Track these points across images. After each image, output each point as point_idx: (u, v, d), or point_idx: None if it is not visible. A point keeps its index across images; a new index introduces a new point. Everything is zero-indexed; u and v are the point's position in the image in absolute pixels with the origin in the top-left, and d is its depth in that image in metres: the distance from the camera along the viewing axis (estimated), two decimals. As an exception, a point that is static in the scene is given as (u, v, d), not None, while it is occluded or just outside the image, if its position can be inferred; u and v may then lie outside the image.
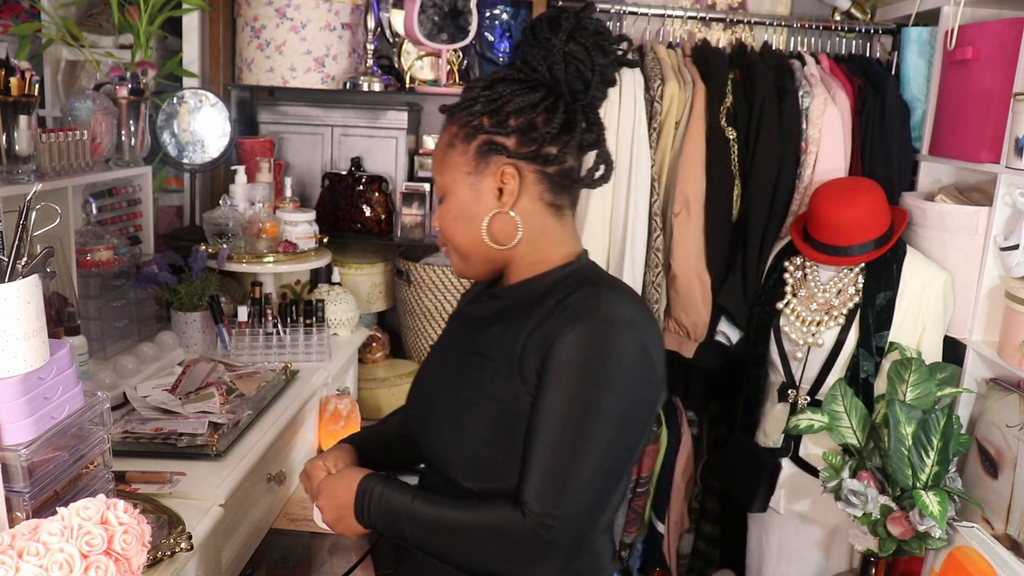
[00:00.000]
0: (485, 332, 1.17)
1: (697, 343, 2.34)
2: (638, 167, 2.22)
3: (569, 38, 1.10)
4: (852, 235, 2.02)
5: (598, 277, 1.15)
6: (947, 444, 1.80)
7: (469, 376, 1.15)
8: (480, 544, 1.06)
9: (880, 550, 1.87)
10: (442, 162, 1.16)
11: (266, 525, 1.69)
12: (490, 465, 1.09)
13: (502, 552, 1.05)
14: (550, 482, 1.02)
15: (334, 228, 2.46)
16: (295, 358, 2.06)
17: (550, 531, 1.01)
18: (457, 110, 1.14)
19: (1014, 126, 1.86)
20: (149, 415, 1.63)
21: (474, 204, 1.14)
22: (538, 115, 1.11)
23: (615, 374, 1.04)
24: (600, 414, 1.03)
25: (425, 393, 1.24)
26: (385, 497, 1.11)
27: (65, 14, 2.31)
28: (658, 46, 2.38)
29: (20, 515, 1.02)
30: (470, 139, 1.13)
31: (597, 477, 1.04)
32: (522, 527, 1.02)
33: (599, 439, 1.03)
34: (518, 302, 1.16)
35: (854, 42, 2.49)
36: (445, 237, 1.19)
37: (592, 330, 1.04)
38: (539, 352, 1.06)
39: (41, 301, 1.05)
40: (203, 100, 2.36)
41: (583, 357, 1.03)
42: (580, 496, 1.03)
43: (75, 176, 1.78)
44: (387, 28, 2.53)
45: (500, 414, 1.09)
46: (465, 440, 1.11)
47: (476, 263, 1.19)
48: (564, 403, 1.03)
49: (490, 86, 1.12)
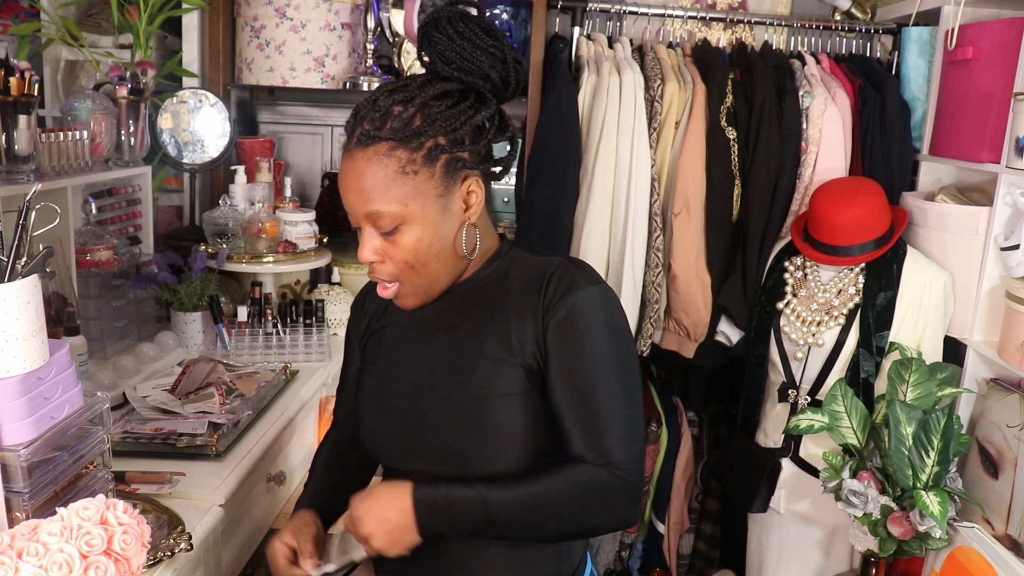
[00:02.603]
0: (454, 332, 1.17)
1: (697, 343, 2.34)
2: (638, 167, 2.22)
3: (477, 37, 1.10)
4: (852, 235, 2.02)
5: (541, 253, 1.20)
6: (947, 444, 1.80)
7: (462, 377, 1.14)
8: (576, 508, 1.10)
9: (880, 550, 1.87)
10: (394, 191, 1.07)
11: (266, 525, 1.69)
12: (520, 450, 1.11)
13: (600, 508, 1.10)
14: (618, 432, 1.10)
15: (334, 228, 2.46)
16: (295, 358, 2.06)
17: (631, 474, 1.10)
18: (404, 136, 1.06)
19: (1014, 126, 1.86)
20: (149, 415, 1.63)
21: (446, 224, 1.11)
22: (478, 120, 1.11)
23: (624, 326, 1.16)
24: (630, 362, 1.14)
25: (406, 409, 1.18)
26: (452, 498, 1.08)
27: (65, 14, 2.31)
28: (658, 46, 2.38)
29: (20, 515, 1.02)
30: (433, 160, 1.08)
31: (640, 417, 1.15)
32: (610, 479, 1.09)
33: (636, 384, 1.14)
34: (475, 295, 1.17)
35: (854, 42, 2.49)
36: (410, 269, 1.12)
37: (595, 295, 1.12)
38: (539, 332, 1.11)
39: (41, 301, 1.05)
40: (203, 100, 2.36)
41: (599, 320, 1.12)
42: (640, 436, 1.14)
43: (75, 176, 1.78)
44: (387, 28, 2.52)
45: (515, 401, 1.11)
46: (493, 435, 1.11)
47: (441, 284, 1.16)
48: (603, 361, 1.11)
49: (423, 104, 1.07)
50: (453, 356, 1.16)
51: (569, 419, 1.11)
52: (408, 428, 1.18)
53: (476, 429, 1.12)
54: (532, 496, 1.08)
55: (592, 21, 2.48)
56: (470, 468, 1.12)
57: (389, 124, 1.07)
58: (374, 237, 1.11)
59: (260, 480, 1.65)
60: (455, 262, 1.16)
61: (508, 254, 1.20)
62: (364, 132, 1.07)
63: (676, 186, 2.25)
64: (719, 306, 2.30)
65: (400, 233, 1.10)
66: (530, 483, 1.09)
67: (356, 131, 1.08)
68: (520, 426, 1.11)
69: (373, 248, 1.11)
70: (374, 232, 1.11)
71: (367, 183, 1.07)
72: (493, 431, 1.11)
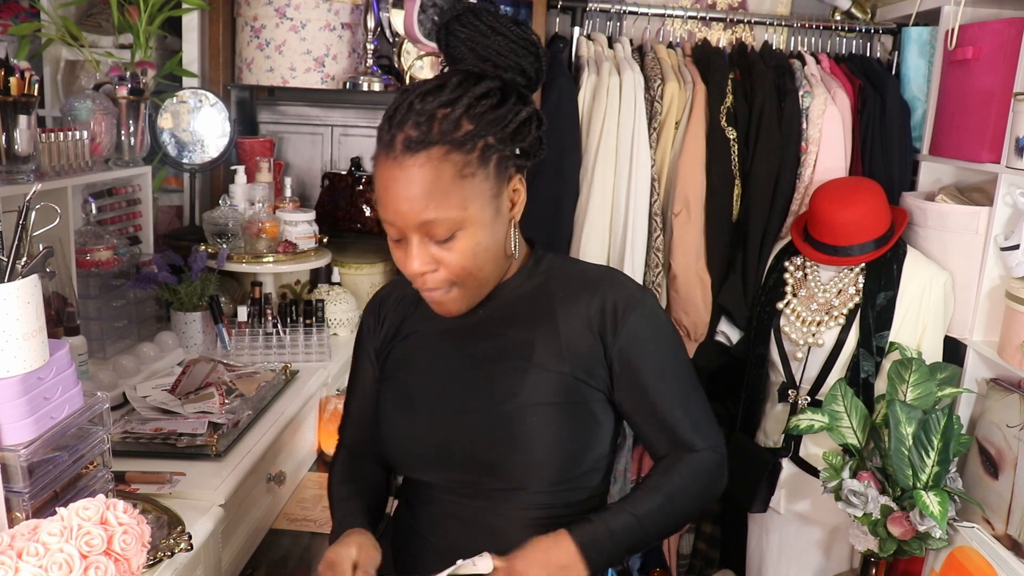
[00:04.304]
0: (500, 339, 1.15)
1: (697, 343, 2.34)
2: (638, 167, 2.22)
3: (509, 30, 1.08)
4: (852, 235, 2.02)
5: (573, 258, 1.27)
6: (947, 444, 1.80)
7: (507, 385, 1.12)
8: (696, 493, 1.17)
9: (880, 550, 1.87)
10: (454, 196, 1.03)
11: (266, 525, 1.69)
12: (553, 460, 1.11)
13: (710, 487, 1.18)
14: (703, 420, 1.18)
15: (334, 228, 2.46)
16: (295, 358, 2.06)
17: (722, 451, 1.20)
18: (456, 139, 1.02)
19: (1014, 126, 1.86)
20: (149, 415, 1.63)
21: (499, 225, 1.09)
22: (523, 116, 1.09)
23: (673, 326, 1.26)
24: (687, 356, 1.23)
25: (440, 418, 1.15)
26: (612, 528, 1.08)
27: (65, 14, 2.31)
28: (658, 46, 2.38)
29: (20, 515, 1.02)
30: (487, 161, 1.04)
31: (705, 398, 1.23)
32: (712, 462, 1.17)
33: (695, 375, 1.21)
34: (518, 302, 1.16)
35: (854, 42, 2.49)
36: (467, 275, 1.08)
37: (652, 302, 1.18)
38: (598, 344, 1.14)
39: (41, 301, 1.05)
40: (203, 100, 2.36)
41: (662, 325, 1.19)
42: (712, 415, 1.22)
43: (75, 176, 1.78)
44: (387, 28, 2.52)
45: (553, 411, 1.11)
46: (529, 445, 1.10)
47: (489, 287, 1.14)
48: (673, 363, 1.18)
49: (469, 105, 1.03)
50: (498, 363, 1.14)
51: (653, 424, 1.16)
52: (442, 437, 1.15)
53: (512, 439, 1.10)
54: (668, 498, 1.13)
55: (592, 21, 2.48)
56: (501, 478, 1.11)
57: (437, 127, 1.02)
58: (424, 246, 1.06)
59: (260, 480, 1.65)
60: (504, 263, 1.14)
61: (544, 259, 1.20)
62: (410, 138, 1.01)
63: (676, 186, 2.25)
64: (719, 306, 2.30)
65: (457, 239, 1.05)
66: (660, 486, 1.13)
67: (398, 138, 1.02)
68: (553, 437, 1.11)
69: (425, 258, 1.06)
70: (424, 241, 1.05)
71: (423, 191, 1.01)
72: (529, 440, 1.10)
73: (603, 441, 1.17)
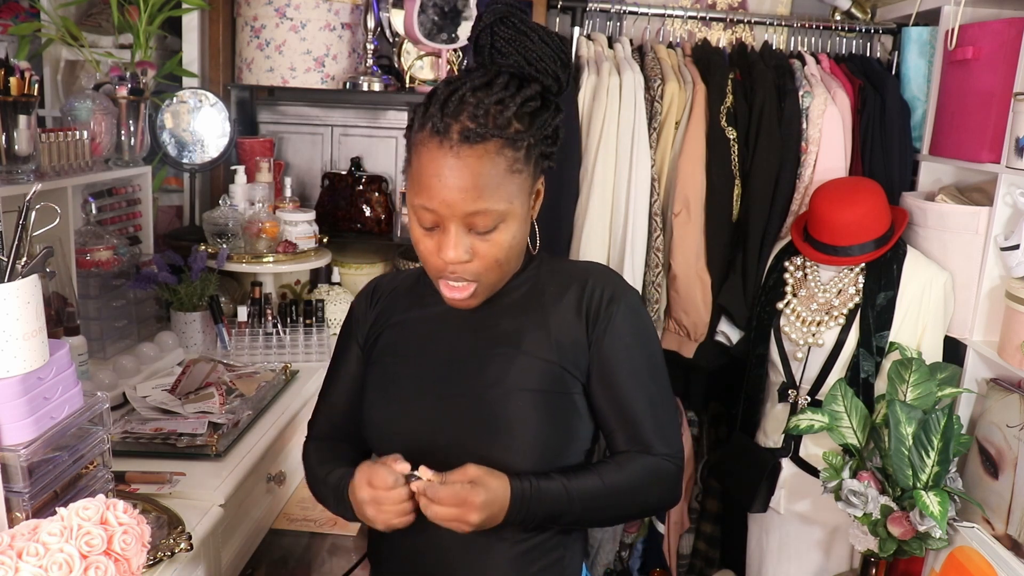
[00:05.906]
0: (491, 329, 1.17)
1: (697, 343, 2.34)
2: (638, 167, 2.22)
3: (548, 37, 1.12)
4: (852, 235, 2.02)
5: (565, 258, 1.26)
6: (947, 444, 1.80)
7: (494, 370, 1.14)
8: (644, 496, 1.18)
9: (880, 550, 1.87)
10: (504, 189, 1.06)
11: (266, 525, 1.69)
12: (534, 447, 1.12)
13: (661, 495, 1.20)
14: (666, 427, 1.19)
15: (334, 228, 2.46)
16: (295, 358, 2.06)
17: (679, 463, 1.20)
18: (510, 136, 1.06)
19: (1014, 126, 1.86)
20: (149, 415, 1.63)
21: (527, 221, 1.14)
22: (557, 121, 1.14)
23: (654, 328, 1.29)
24: (663, 362, 1.23)
25: (429, 402, 1.17)
26: (542, 488, 1.10)
27: (65, 14, 2.31)
28: (658, 46, 2.38)
29: (20, 515, 1.02)
30: (530, 160, 1.09)
31: (675, 409, 1.25)
32: (668, 469, 1.18)
33: (668, 382, 1.23)
34: (511, 294, 1.19)
35: (854, 42, 2.49)
36: (497, 267, 1.11)
37: (636, 301, 1.20)
38: (583, 336, 1.16)
39: (41, 301, 1.05)
40: (203, 100, 2.36)
41: (643, 325, 1.20)
42: (678, 427, 1.23)
43: (75, 176, 1.78)
44: (387, 28, 2.53)
45: (538, 398, 1.13)
46: (512, 429, 1.12)
47: (504, 281, 1.17)
48: (648, 364, 1.19)
49: (520, 105, 1.07)
50: (487, 351, 1.16)
51: (617, 418, 1.17)
52: (425, 421, 1.16)
53: (495, 423, 1.12)
54: (606, 486, 1.14)
55: (592, 21, 2.48)
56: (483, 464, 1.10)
57: (493, 122, 1.05)
58: (465, 236, 1.08)
59: (260, 480, 1.65)
60: (522, 259, 1.19)
61: (539, 256, 1.23)
62: (468, 129, 1.04)
63: (676, 186, 2.25)
64: (719, 306, 2.30)
65: (498, 231, 1.09)
66: (602, 473, 1.14)
67: (454, 127, 1.05)
68: (536, 422, 1.13)
69: (465, 247, 1.08)
70: (464, 231, 1.08)
71: (478, 181, 1.04)
72: (511, 426, 1.12)
73: (583, 435, 1.18)
